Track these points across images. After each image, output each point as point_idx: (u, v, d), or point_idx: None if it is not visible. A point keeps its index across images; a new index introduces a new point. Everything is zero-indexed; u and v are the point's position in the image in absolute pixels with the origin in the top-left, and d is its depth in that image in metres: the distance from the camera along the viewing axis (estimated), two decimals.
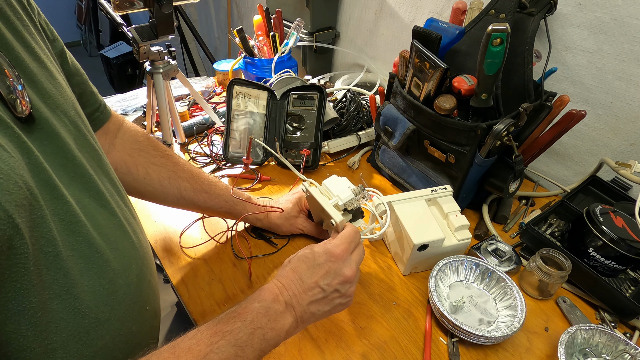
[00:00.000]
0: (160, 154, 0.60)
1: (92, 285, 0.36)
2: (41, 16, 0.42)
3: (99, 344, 0.36)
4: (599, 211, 0.62)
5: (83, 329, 0.34)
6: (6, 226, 0.26)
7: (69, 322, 0.33)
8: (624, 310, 0.57)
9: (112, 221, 0.41)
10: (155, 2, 0.72)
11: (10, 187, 0.27)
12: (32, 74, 0.36)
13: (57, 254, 0.32)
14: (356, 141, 0.95)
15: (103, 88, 3.02)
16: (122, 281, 0.40)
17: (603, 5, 0.67)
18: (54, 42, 0.43)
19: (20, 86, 0.32)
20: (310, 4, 1.15)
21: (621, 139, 0.74)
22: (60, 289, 0.32)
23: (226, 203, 0.64)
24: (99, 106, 0.54)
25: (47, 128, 0.35)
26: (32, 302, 0.29)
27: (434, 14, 0.96)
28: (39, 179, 0.32)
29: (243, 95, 0.87)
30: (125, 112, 1.06)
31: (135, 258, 0.43)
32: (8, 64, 0.32)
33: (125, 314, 0.40)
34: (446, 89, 0.66)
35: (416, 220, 0.62)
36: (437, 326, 0.57)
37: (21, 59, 0.35)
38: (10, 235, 0.27)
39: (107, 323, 0.37)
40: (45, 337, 0.31)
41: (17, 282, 0.28)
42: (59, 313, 0.32)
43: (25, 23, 0.38)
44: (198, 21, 2.51)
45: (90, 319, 0.35)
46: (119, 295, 0.39)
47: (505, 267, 0.63)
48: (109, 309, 0.37)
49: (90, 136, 0.43)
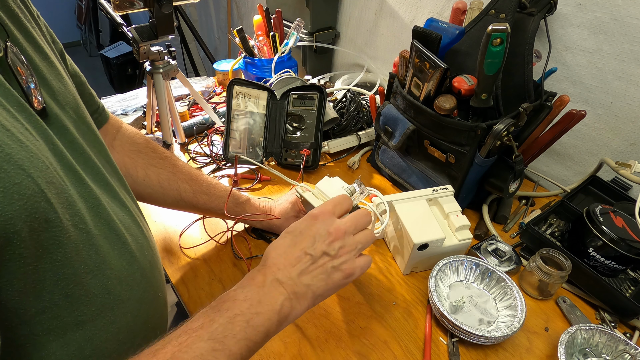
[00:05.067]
0: (159, 155, 0.61)
1: (116, 265, 0.38)
2: (41, 19, 0.42)
3: (122, 322, 0.38)
4: (599, 211, 0.62)
5: (108, 306, 0.36)
6: (40, 199, 0.28)
7: (97, 296, 0.35)
8: (624, 310, 0.57)
9: (124, 211, 0.42)
10: (155, 2, 0.72)
11: (40, 165, 0.29)
12: (43, 73, 0.37)
13: (88, 231, 0.34)
14: (356, 141, 0.95)
15: (103, 88, 3.03)
16: (138, 265, 0.41)
17: (603, 5, 0.67)
18: (55, 44, 0.44)
19: (32, 84, 0.34)
20: (310, 4, 1.15)
21: (621, 139, 0.74)
22: (94, 265, 0.35)
23: None
24: (98, 108, 0.54)
25: (57, 123, 0.36)
26: (65, 274, 0.31)
27: (434, 14, 0.96)
28: (63, 164, 0.33)
29: (243, 95, 0.87)
30: (125, 112, 1.06)
31: (146, 247, 0.44)
32: (21, 62, 0.33)
33: (142, 296, 0.41)
34: (446, 89, 0.66)
35: (417, 219, 0.62)
36: (437, 326, 0.57)
37: (32, 58, 0.36)
38: (45, 209, 0.28)
39: (128, 302, 0.39)
40: (76, 308, 0.33)
41: (54, 254, 0.30)
42: (91, 288, 0.34)
43: (33, 24, 0.39)
44: (198, 21, 2.51)
45: (114, 296, 0.37)
46: (136, 277, 0.41)
47: (505, 267, 0.63)
48: (128, 288, 0.39)
49: (97, 133, 0.44)
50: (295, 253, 0.41)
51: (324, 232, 0.42)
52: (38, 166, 0.28)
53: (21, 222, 0.26)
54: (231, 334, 0.34)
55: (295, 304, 0.39)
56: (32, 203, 0.27)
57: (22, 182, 0.27)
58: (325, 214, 0.43)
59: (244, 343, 0.35)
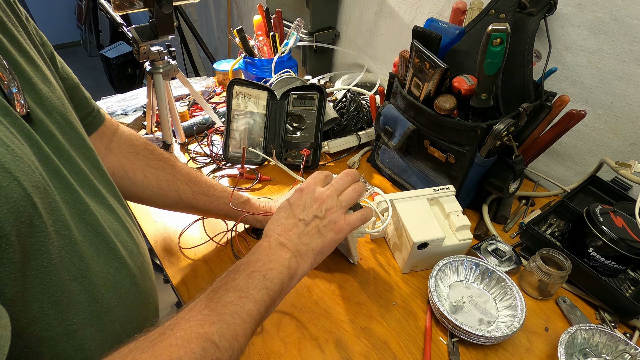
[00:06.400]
0: (157, 157, 0.60)
1: (102, 272, 0.37)
2: (30, 22, 0.42)
3: (110, 330, 0.38)
4: (599, 211, 0.62)
5: (96, 314, 0.36)
6: (26, 203, 0.28)
7: (85, 304, 0.35)
8: (624, 310, 0.57)
9: (112, 217, 0.42)
10: (155, 2, 0.72)
11: (26, 169, 0.29)
12: (29, 77, 0.36)
13: (72, 238, 0.34)
14: (356, 141, 0.95)
15: (103, 88, 3.03)
16: (126, 271, 0.41)
17: (603, 5, 0.67)
18: (44, 47, 0.43)
19: (15, 89, 0.33)
20: (310, 4, 1.15)
21: (621, 139, 0.74)
22: (77, 272, 0.34)
23: (225, 206, 0.63)
24: (92, 110, 0.53)
25: (43, 129, 0.36)
26: (52, 281, 0.31)
27: (434, 14, 0.96)
28: (49, 169, 0.33)
29: (243, 95, 0.87)
30: (125, 112, 1.06)
31: (136, 253, 0.44)
32: (2, 67, 0.32)
33: (131, 303, 0.41)
34: (446, 89, 0.66)
35: (417, 218, 0.62)
36: (437, 326, 0.57)
37: (17, 62, 0.35)
38: (30, 213, 0.28)
39: (117, 309, 0.39)
40: (66, 317, 0.33)
41: (39, 260, 0.30)
42: (77, 296, 0.34)
43: (18, 28, 0.38)
44: (198, 21, 2.51)
45: (102, 304, 0.37)
46: (125, 284, 0.41)
47: (505, 267, 0.63)
48: (117, 295, 0.39)
49: (86, 138, 0.43)
50: (290, 221, 0.47)
51: (310, 199, 0.48)
52: (24, 170, 0.28)
53: (9, 225, 0.26)
54: (252, 285, 0.40)
55: (300, 260, 0.44)
56: (18, 207, 0.27)
57: (9, 186, 0.26)
58: (309, 186, 0.50)
59: (264, 292, 0.40)
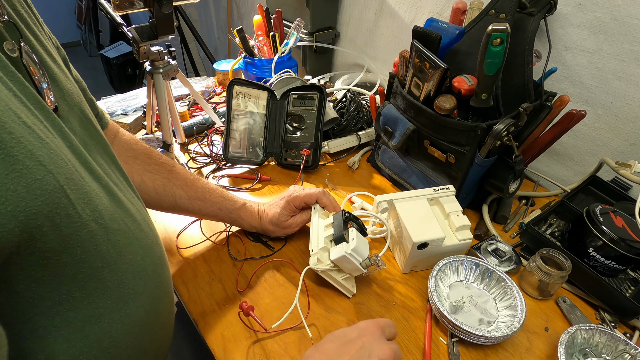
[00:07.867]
0: (155, 161, 0.61)
1: (130, 259, 0.38)
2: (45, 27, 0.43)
3: (136, 316, 0.39)
4: (599, 211, 0.62)
5: (123, 299, 0.37)
6: (60, 195, 0.29)
7: (113, 290, 0.36)
8: (624, 310, 0.57)
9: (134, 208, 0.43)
10: (155, 2, 0.72)
11: (59, 161, 0.29)
12: (53, 73, 0.37)
13: (106, 227, 0.35)
14: (356, 141, 0.95)
15: (103, 88, 3.02)
16: (150, 259, 0.42)
17: (603, 5, 0.67)
18: (59, 50, 0.45)
19: (45, 84, 0.34)
20: (310, 4, 1.15)
21: (621, 139, 0.74)
22: (111, 260, 0.36)
23: (220, 211, 0.64)
24: (98, 113, 0.54)
25: (68, 124, 0.37)
26: (83, 268, 0.32)
27: (434, 14, 0.96)
28: (80, 161, 0.34)
29: (243, 95, 0.87)
30: (125, 112, 1.06)
31: (156, 243, 0.45)
32: (33, 62, 0.33)
33: (154, 291, 0.42)
34: (446, 89, 0.66)
35: (417, 218, 0.62)
36: (437, 326, 0.57)
37: (44, 59, 0.37)
38: (65, 205, 0.29)
39: (142, 296, 0.40)
40: (93, 300, 0.34)
41: (74, 249, 0.31)
42: (107, 282, 0.35)
43: (40, 28, 0.40)
44: (198, 21, 2.51)
45: (129, 290, 0.38)
46: (148, 271, 0.41)
47: (505, 267, 0.63)
48: (142, 283, 0.40)
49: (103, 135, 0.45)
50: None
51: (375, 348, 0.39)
52: (57, 163, 0.29)
53: (43, 217, 0.27)
54: None
55: None
56: (53, 199, 0.28)
57: (43, 178, 0.27)
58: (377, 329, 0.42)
59: None
